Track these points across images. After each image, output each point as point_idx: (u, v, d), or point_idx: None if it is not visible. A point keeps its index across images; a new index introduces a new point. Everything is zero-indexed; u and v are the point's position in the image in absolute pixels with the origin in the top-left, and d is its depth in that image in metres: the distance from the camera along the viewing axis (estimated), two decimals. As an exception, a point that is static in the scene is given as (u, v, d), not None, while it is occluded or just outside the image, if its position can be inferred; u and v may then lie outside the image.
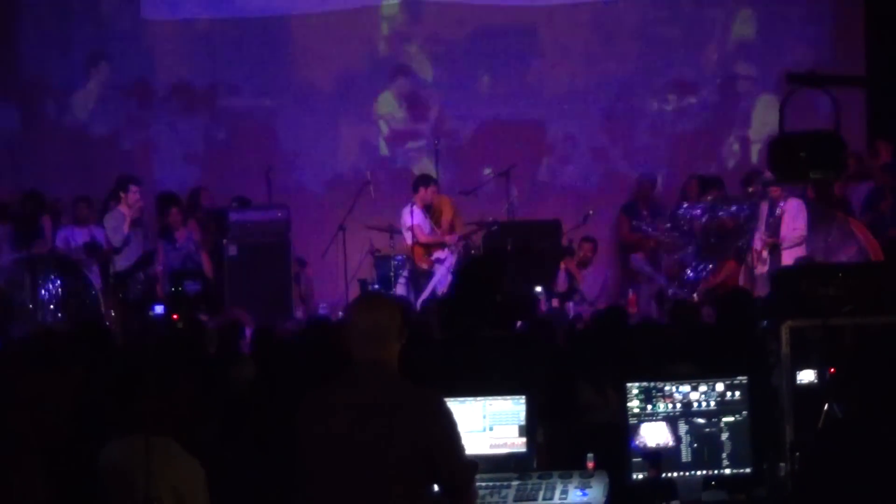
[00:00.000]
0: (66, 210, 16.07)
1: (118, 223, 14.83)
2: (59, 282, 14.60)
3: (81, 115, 18.03)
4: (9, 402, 5.50)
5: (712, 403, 6.13)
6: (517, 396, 6.31)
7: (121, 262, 14.91)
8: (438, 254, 15.45)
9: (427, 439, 5.11)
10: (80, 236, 15.43)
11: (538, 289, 14.65)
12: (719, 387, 6.14)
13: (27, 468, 5.43)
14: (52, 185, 16.77)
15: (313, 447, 5.24)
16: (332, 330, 8.11)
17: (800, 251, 14.14)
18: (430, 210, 15.66)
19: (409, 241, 15.58)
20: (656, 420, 6.10)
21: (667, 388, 6.13)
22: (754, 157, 17.61)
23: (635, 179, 17.03)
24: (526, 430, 6.27)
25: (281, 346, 9.26)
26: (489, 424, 6.28)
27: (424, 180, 15.88)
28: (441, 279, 15.15)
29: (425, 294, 15.02)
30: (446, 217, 15.76)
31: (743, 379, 6.16)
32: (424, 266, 15.46)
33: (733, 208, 15.33)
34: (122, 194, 14.98)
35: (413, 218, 15.46)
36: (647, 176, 16.99)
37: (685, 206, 15.63)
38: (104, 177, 16.61)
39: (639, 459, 6.03)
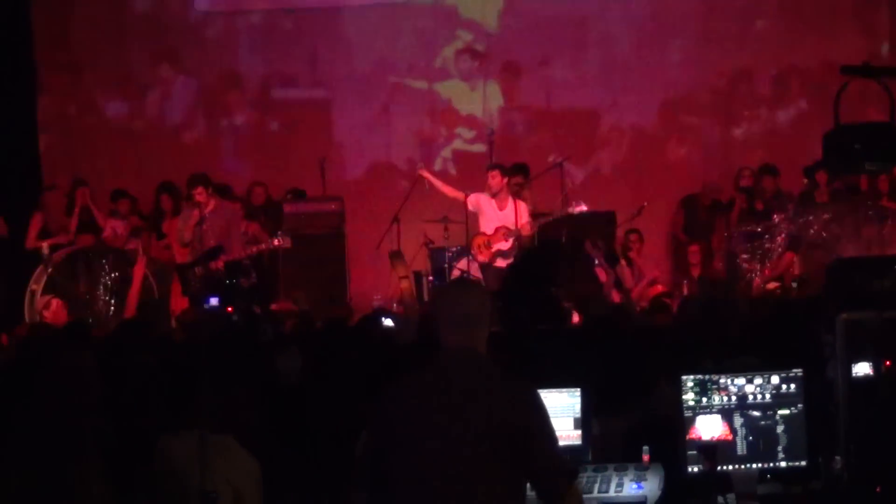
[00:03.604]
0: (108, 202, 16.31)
1: (182, 227, 14.65)
2: (115, 274, 14.69)
3: (137, 109, 18.15)
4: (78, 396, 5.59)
5: (767, 396, 6.11)
6: (572, 389, 6.32)
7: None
8: (500, 245, 14.49)
9: (522, 430, 4.83)
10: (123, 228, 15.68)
11: None
12: (774, 379, 6.12)
13: (86, 461, 5.50)
14: (108, 180, 16.94)
15: (399, 439, 4.94)
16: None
17: None
18: (497, 199, 14.67)
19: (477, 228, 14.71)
20: (711, 413, 6.08)
21: (722, 380, 6.11)
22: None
23: (706, 187, 16.96)
24: (581, 423, 6.28)
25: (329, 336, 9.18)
26: (544, 417, 6.29)
27: (492, 166, 14.94)
28: None
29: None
30: (521, 211, 14.62)
31: (798, 371, 6.13)
32: (483, 258, 14.57)
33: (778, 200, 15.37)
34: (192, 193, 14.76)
35: (475, 203, 14.72)
36: (713, 185, 16.93)
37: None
38: (159, 171, 16.74)
39: (694, 452, 6.02)
